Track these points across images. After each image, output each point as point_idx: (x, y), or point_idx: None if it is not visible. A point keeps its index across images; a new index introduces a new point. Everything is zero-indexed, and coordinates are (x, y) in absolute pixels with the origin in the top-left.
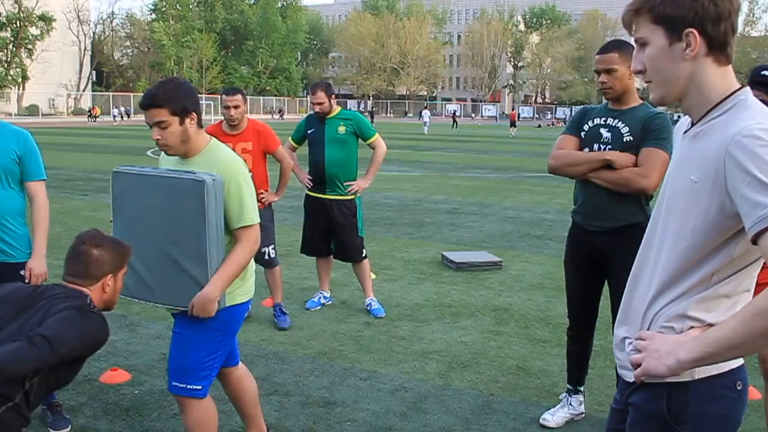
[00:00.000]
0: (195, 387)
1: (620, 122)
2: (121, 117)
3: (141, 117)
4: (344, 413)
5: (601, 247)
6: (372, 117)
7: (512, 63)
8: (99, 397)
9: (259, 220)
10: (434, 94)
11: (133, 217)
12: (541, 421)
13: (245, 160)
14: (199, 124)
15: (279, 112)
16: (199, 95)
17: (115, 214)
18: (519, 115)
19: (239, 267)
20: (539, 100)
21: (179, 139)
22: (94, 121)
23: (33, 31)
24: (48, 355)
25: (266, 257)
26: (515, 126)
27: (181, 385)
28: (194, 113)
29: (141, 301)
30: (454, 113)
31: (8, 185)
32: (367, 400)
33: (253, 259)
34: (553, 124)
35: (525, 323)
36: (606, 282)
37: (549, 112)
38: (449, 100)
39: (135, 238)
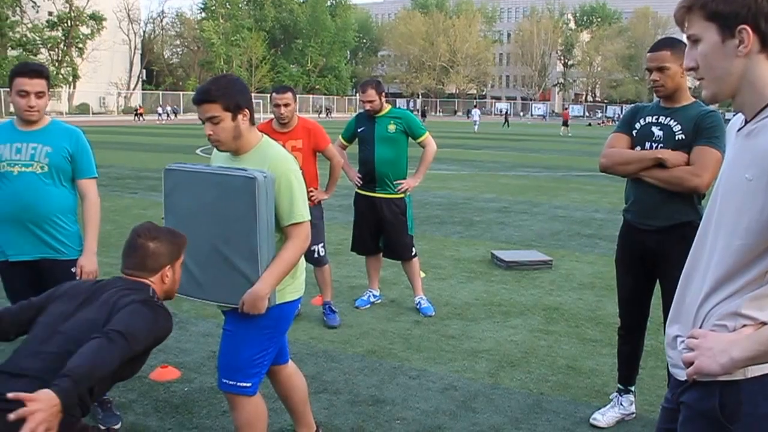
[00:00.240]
0: (245, 384)
1: (672, 120)
2: (168, 116)
3: (188, 116)
4: (393, 412)
5: (653, 245)
6: (424, 116)
7: (562, 61)
8: (149, 395)
9: (309, 217)
10: (484, 93)
11: (185, 214)
12: (591, 420)
13: (295, 158)
14: (251, 121)
15: (326, 111)
16: None
17: (166, 211)
18: (570, 113)
19: (290, 264)
20: (589, 98)
21: (231, 135)
22: (141, 120)
23: (84, 30)
24: (125, 351)
25: (316, 255)
26: (567, 125)
27: (231, 383)
28: (246, 109)
29: (191, 298)
30: (506, 112)
31: (60, 183)
32: (417, 399)
33: (303, 257)
34: (603, 123)
35: (575, 322)
36: (657, 281)
37: (599, 111)
38: (499, 98)
39: (186, 234)
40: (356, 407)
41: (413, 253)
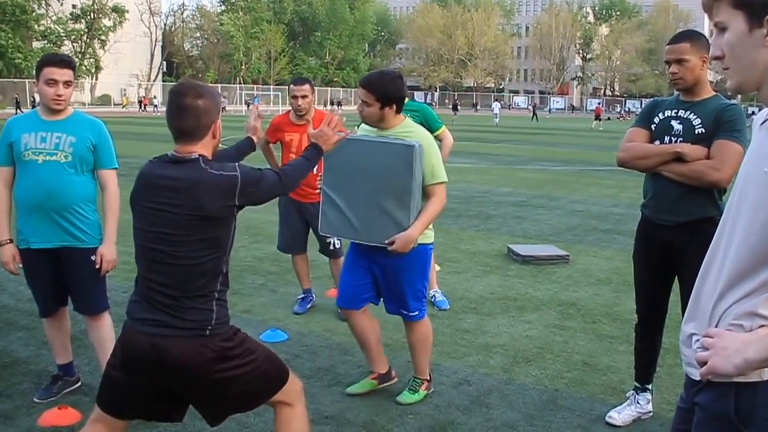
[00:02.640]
0: (413, 312)
1: (692, 114)
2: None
3: None
4: (406, 406)
5: (672, 241)
6: (455, 109)
7: (581, 55)
8: None
9: (445, 179)
10: (502, 86)
11: (344, 171)
12: (607, 418)
13: None
14: (397, 110)
15: (338, 103)
16: (267, 86)
17: (326, 169)
18: (587, 107)
19: (433, 216)
20: (608, 92)
21: (376, 117)
22: (144, 111)
23: (106, 22)
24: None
25: (331, 247)
26: (600, 119)
27: (407, 312)
28: (395, 104)
29: (345, 238)
30: (534, 106)
31: (82, 172)
32: (430, 393)
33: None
34: (622, 117)
35: (591, 318)
36: (676, 277)
37: (618, 105)
38: (517, 92)
39: (344, 187)
40: (369, 401)
41: None
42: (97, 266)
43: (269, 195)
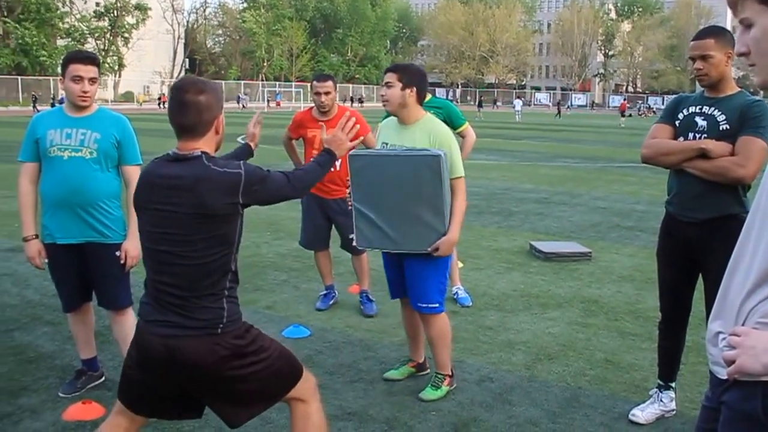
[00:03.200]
0: (434, 305)
1: (716, 110)
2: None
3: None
4: (429, 403)
5: (696, 238)
6: (480, 106)
7: (603, 51)
8: None
9: (463, 174)
10: (523, 83)
11: (372, 186)
12: (630, 416)
13: None
14: (419, 101)
15: (358, 100)
16: (288, 83)
17: (354, 187)
18: (609, 103)
19: (463, 214)
20: (630, 89)
21: (398, 101)
22: (163, 108)
23: (129, 20)
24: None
25: (353, 244)
26: (626, 116)
27: (424, 305)
28: (415, 87)
29: (384, 249)
30: (558, 102)
31: (107, 168)
32: (452, 390)
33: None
34: (644, 114)
35: (614, 316)
36: (700, 275)
37: (640, 102)
38: (538, 88)
39: (375, 201)
40: (392, 397)
41: None
42: (122, 262)
43: (277, 196)
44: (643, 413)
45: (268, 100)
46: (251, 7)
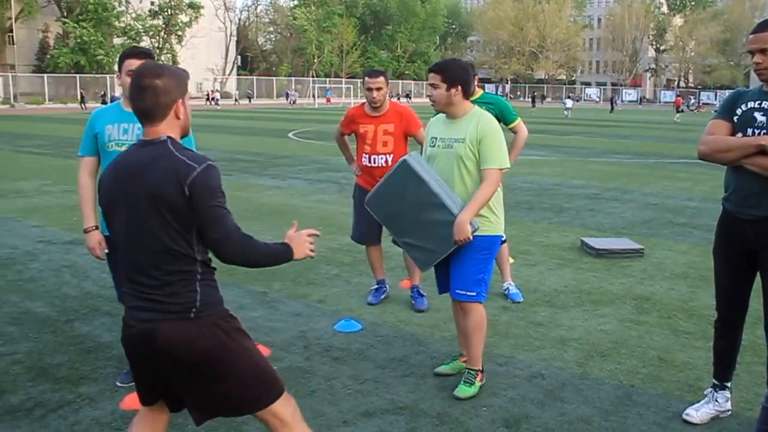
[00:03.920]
0: (472, 293)
1: None
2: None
3: (262, 101)
4: (480, 398)
5: (754, 236)
6: (534, 102)
7: (654, 46)
8: None
9: (503, 166)
10: (573, 78)
11: (392, 217)
12: (684, 416)
13: (386, 143)
14: (465, 95)
15: (406, 96)
16: (338, 79)
17: (387, 227)
18: (660, 99)
19: (482, 200)
20: (682, 84)
21: (444, 101)
22: (215, 104)
23: (183, 18)
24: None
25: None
26: (681, 112)
27: (462, 293)
28: (460, 86)
29: (437, 260)
30: (612, 98)
31: None
32: (504, 386)
33: (502, 200)
34: (696, 109)
35: (667, 313)
36: (758, 273)
37: (692, 97)
38: (589, 84)
39: (402, 228)
40: (443, 392)
41: (502, 239)
42: None
43: (213, 218)
44: (697, 413)
45: (314, 97)
46: (302, 5)
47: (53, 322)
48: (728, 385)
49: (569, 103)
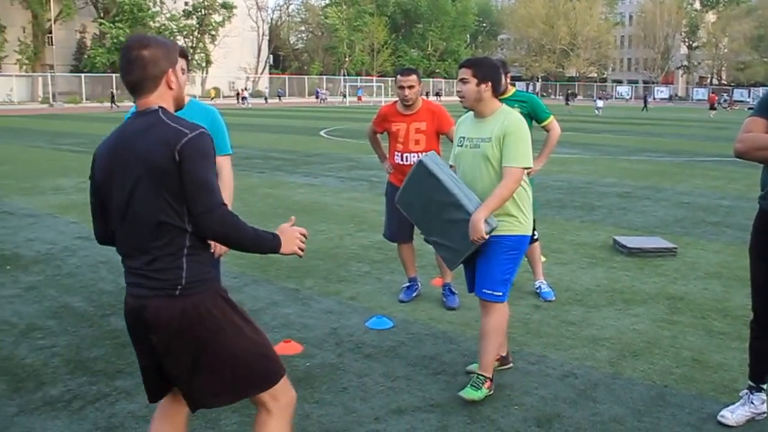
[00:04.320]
0: (498, 293)
1: None
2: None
3: (294, 99)
4: (512, 397)
5: None
6: (567, 100)
7: (686, 43)
8: None
9: (524, 165)
10: (604, 76)
11: (419, 217)
12: (719, 418)
13: (418, 141)
14: (494, 93)
15: (436, 94)
16: (369, 77)
17: (417, 227)
18: (693, 96)
19: (500, 199)
20: (715, 81)
21: (473, 97)
22: (246, 102)
23: (216, 18)
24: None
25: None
26: (715, 109)
27: (487, 291)
28: (490, 82)
29: (464, 259)
30: (645, 96)
31: None
32: (535, 385)
33: (531, 199)
34: (729, 107)
35: (701, 313)
36: None
37: (725, 94)
38: (620, 81)
39: (429, 228)
40: None
41: (535, 237)
42: (212, 251)
43: (201, 190)
44: (732, 415)
45: (343, 95)
46: (333, 4)
47: (90, 316)
48: (765, 387)
49: (600, 103)
